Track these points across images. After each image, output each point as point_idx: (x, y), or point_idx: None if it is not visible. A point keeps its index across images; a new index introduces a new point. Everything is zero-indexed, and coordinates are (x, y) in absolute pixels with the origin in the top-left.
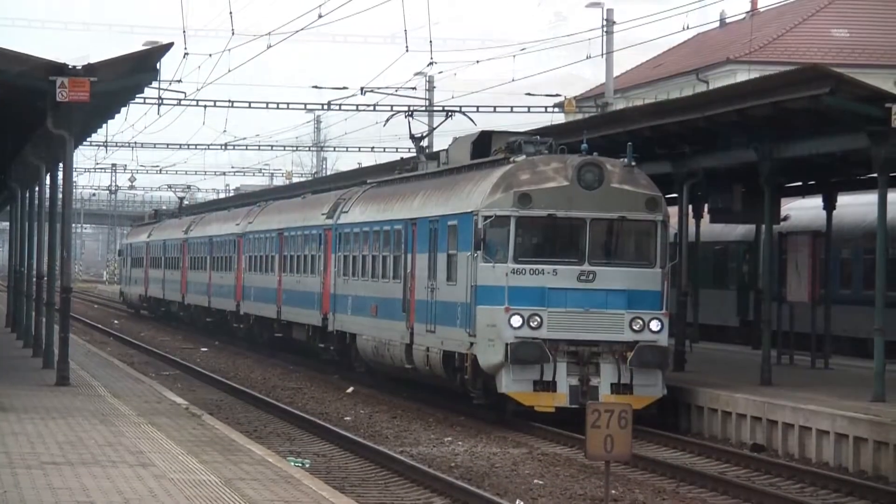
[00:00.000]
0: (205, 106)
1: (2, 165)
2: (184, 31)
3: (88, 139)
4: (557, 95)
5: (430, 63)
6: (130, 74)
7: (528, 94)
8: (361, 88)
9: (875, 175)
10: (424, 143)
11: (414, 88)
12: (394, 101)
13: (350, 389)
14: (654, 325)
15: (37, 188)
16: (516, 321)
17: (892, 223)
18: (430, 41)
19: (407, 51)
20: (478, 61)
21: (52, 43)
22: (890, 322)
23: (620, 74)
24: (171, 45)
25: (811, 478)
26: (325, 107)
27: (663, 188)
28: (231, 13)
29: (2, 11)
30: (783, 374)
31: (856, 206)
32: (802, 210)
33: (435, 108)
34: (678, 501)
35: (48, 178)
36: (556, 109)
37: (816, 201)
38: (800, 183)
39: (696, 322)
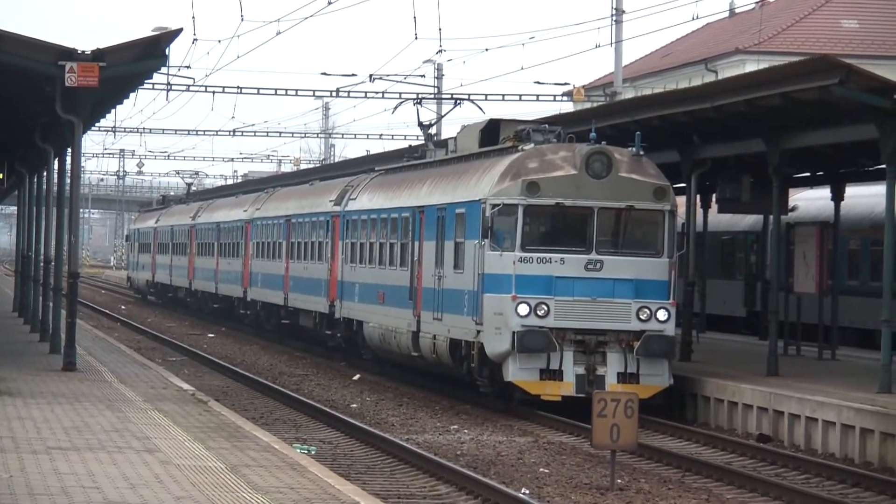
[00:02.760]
0: (213, 92)
1: (10, 150)
2: (193, 17)
3: (97, 124)
4: (566, 84)
5: (440, 51)
6: (139, 60)
7: (537, 82)
8: (370, 76)
9: (884, 166)
10: (433, 130)
11: (423, 76)
12: (402, 89)
13: (356, 377)
14: (661, 315)
15: (45, 173)
16: (523, 309)
17: None
18: (440, 29)
19: (416, 38)
20: (487, 49)
21: (61, 26)
22: None
23: (629, 63)
24: (180, 30)
25: (817, 468)
26: (334, 94)
27: (671, 178)
28: None
29: None
30: (790, 364)
31: (864, 197)
32: (810, 201)
33: (444, 96)
34: (684, 491)
35: (56, 162)
36: (565, 98)
37: (824, 192)
38: (808, 173)
39: (703, 312)
